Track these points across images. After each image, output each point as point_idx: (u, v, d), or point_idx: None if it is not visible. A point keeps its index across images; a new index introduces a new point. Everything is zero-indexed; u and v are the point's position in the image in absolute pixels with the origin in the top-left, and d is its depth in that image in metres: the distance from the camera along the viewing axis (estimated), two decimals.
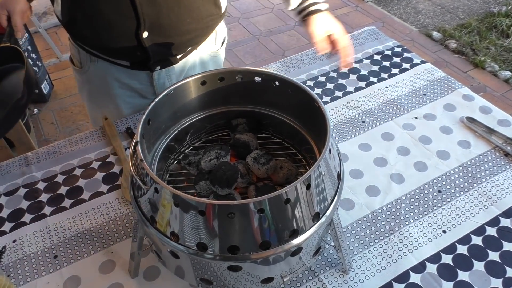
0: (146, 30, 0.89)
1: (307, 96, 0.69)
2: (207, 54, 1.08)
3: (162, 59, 0.99)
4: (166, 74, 1.03)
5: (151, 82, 1.03)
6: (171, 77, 1.05)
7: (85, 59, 1.02)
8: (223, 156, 0.72)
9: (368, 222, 0.83)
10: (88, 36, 0.95)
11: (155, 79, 1.03)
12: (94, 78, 1.05)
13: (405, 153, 0.96)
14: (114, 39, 0.92)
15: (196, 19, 0.94)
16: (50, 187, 0.91)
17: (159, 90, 1.06)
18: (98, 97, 1.10)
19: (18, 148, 1.83)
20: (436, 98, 1.09)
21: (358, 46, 1.26)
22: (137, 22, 0.88)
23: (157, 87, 1.05)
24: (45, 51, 2.68)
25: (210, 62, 1.10)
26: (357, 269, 0.76)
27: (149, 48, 0.92)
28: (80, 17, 0.91)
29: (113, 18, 0.88)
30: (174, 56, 1.00)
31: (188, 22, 0.93)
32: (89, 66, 1.03)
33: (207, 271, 0.62)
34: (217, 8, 0.97)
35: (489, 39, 2.75)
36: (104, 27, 0.90)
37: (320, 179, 0.60)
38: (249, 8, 3.22)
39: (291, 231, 0.59)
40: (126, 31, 0.89)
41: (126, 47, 0.93)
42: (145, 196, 0.62)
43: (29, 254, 0.79)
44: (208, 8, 0.95)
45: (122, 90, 1.05)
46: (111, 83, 1.04)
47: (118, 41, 0.92)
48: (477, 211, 0.84)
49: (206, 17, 0.96)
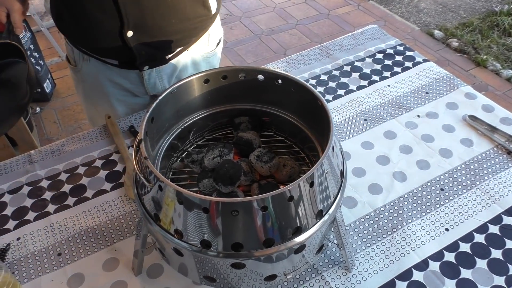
0: (130, 30, 0.89)
1: (310, 94, 0.70)
2: (200, 55, 1.08)
3: (150, 59, 0.99)
4: (157, 74, 1.03)
5: (142, 82, 1.04)
6: (162, 78, 1.05)
7: (78, 57, 1.03)
8: (226, 154, 0.72)
9: (370, 220, 0.83)
10: (75, 34, 0.95)
11: (145, 79, 1.03)
12: (87, 77, 1.06)
13: (408, 151, 0.96)
14: (100, 38, 0.92)
15: (183, 20, 0.94)
16: (53, 185, 0.91)
17: (151, 90, 1.06)
18: (92, 95, 1.11)
19: (21, 146, 1.84)
20: (438, 96, 1.09)
21: (360, 45, 1.26)
22: (120, 22, 0.88)
23: (147, 87, 1.05)
24: (47, 50, 2.68)
25: (203, 63, 1.10)
26: (360, 267, 0.76)
27: (134, 48, 0.92)
28: (66, 14, 0.92)
29: (97, 17, 0.88)
30: (162, 56, 1.00)
31: (174, 22, 0.93)
32: (82, 64, 1.04)
33: (211, 269, 0.62)
34: (205, 9, 0.97)
35: (491, 38, 2.75)
36: (89, 25, 0.90)
37: (323, 177, 0.60)
38: (250, 7, 3.22)
39: (294, 229, 0.60)
40: (110, 30, 0.90)
41: (112, 47, 0.93)
42: (149, 194, 0.62)
43: (33, 251, 0.80)
44: (196, 9, 0.95)
45: (115, 89, 1.06)
46: (103, 81, 1.04)
47: (103, 40, 0.93)
48: (480, 209, 0.84)
49: (194, 18, 0.96)
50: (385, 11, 3.15)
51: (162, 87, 1.06)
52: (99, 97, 1.09)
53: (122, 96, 1.08)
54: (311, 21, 3.05)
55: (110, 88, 1.05)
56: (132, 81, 1.04)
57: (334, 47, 1.26)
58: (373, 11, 3.14)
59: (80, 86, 1.11)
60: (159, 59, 1.00)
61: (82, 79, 1.08)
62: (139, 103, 1.10)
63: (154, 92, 1.08)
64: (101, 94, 1.07)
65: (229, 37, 2.88)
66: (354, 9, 3.17)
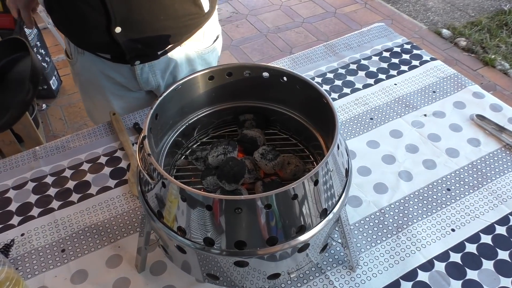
0: (118, 26, 0.89)
1: (315, 92, 0.69)
2: (194, 52, 1.07)
3: (140, 54, 0.99)
4: (150, 69, 1.03)
5: (134, 76, 1.04)
6: (156, 73, 1.05)
7: (73, 50, 1.04)
8: (231, 152, 0.71)
9: (375, 219, 0.82)
10: (66, 27, 0.96)
11: (138, 74, 1.03)
12: (82, 70, 1.07)
13: (414, 150, 0.95)
14: (89, 33, 0.93)
15: (172, 17, 0.94)
16: (58, 181, 0.91)
17: (144, 85, 1.06)
18: (89, 89, 1.12)
19: (27, 143, 1.85)
20: (445, 95, 1.08)
21: (367, 43, 1.25)
22: (107, 18, 0.88)
23: (140, 82, 1.05)
24: (54, 47, 2.69)
25: (198, 60, 1.09)
26: (364, 267, 0.76)
27: (123, 44, 0.93)
28: (56, 7, 0.92)
29: (85, 11, 0.88)
30: (153, 52, 1.00)
31: (162, 19, 0.93)
32: (78, 57, 1.04)
33: (214, 266, 0.62)
34: (197, 7, 0.96)
35: (500, 37, 2.72)
36: (78, 20, 0.91)
37: (328, 175, 0.60)
38: (257, 5, 3.21)
39: (298, 227, 0.59)
40: (98, 26, 0.90)
41: (101, 41, 0.93)
42: (152, 191, 0.62)
43: (37, 247, 0.80)
44: (186, 7, 0.95)
45: (109, 83, 1.06)
46: (97, 75, 1.05)
47: (92, 35, 0.93)
48: (487, 210, 0.83)
49: (184, 16, 0.96)
50: (392, 9, 3.12)
51: (156, 82, 1.06)
52: (95, 91, 1.10)
53: (117, 90, 1.08)
54: (317, 19, 3.04)
55: (104, 82, 1.06)
56: (125, 75, 1.04)
57: (340, 45, 1.25)
58: (380, 9, 3.12)
59: (77, 79, 1.12)
60: (150, 55, 1.01)
61: (78, 72, 1.09)
62: (134, 98, 1.10)
63: (148, 88, 1.08)
64: (97, 87, 1.08)
65: (235, 35, 2.88)
66: (361, 8, 3.15)
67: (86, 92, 1.14)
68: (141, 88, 1.08)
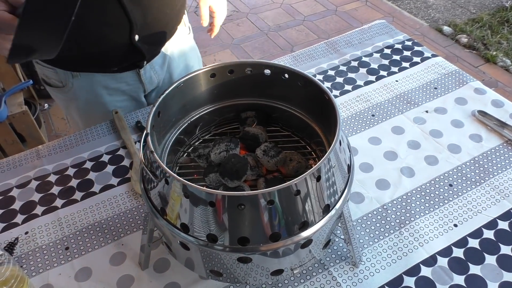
0: (137, 33, 0.90)
1: (317, 89, 0.69)
2: (182, 38, 1.09)
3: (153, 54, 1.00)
4: (150, 67, 1.04)
5: (139, 80, 1.04)
6: (155, 69, 1.05)
7: (65, 77, 0.99)
8: (233, 149, 0.72)
9: (378, 215, 0.83)
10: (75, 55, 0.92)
11: (142, 75, 1.03)
12: (80, 93, 1.02)
13: (416, 147, 0.95)
14: (107, 51, 0.92)
15: (172, 7, 0.96)
16: (61, 180, 0.92)
17: (148, 85, 1.07)
18: (89, 110, 1.07)
19: (29, 142, 1.86)
20: (447, 91, 1.08)
21: (368, 40, 1.25)
22: (130, 28, 0.88)
23: (145, 82, 1.05)
24: None
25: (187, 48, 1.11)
26: (367, 263, 0.76)
27: (142, 48, 0.94)
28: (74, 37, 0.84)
29: (105, 30, 0.88)
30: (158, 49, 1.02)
31: (167, 13, 0.95)
32: (73, 82, 0.99)
33: (217, 263, 0.62)
34: None
35: (501, 34, 2.72)
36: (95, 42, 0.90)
37: (330, 172, 0.60)
38: (257, 3, 3.21)
39: (300, 224, 0.59)
40: (118, 39, 0.90)
41: (118, 55, 0.94)
42: (155, 188, 0.62)
43: (41, 245, 0.80)
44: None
45: (112, 97, 1.04)
46: (99, 92, 1.02)
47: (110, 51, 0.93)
48: (489, 205, 0.83)
49: (178, 2, 0.99)
50: (393, 6, 3.12)
51: (158, 78, 1.08)
52: (97, 110, 1.06)
53: (120, 102, 1.06)
54: (318, 17, 3.04)
55: (107, 97, 1.04)
56: (129, 82, 1.03)
57: (341, 42, 1.25)
58: (381, 7, 3.12)
59: (73, 105, 1.06)
60: (156, 52, 1.02)
61: (75, 97, 1.03)
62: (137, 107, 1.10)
63: (152, 87, 1.09)
64: (99, 105, 1.04)
65: (235, 33, 2.88)
66: (362, 5, 3.15)
67: (87, 115, 1.09)
68: (145, 90, 1.08)
